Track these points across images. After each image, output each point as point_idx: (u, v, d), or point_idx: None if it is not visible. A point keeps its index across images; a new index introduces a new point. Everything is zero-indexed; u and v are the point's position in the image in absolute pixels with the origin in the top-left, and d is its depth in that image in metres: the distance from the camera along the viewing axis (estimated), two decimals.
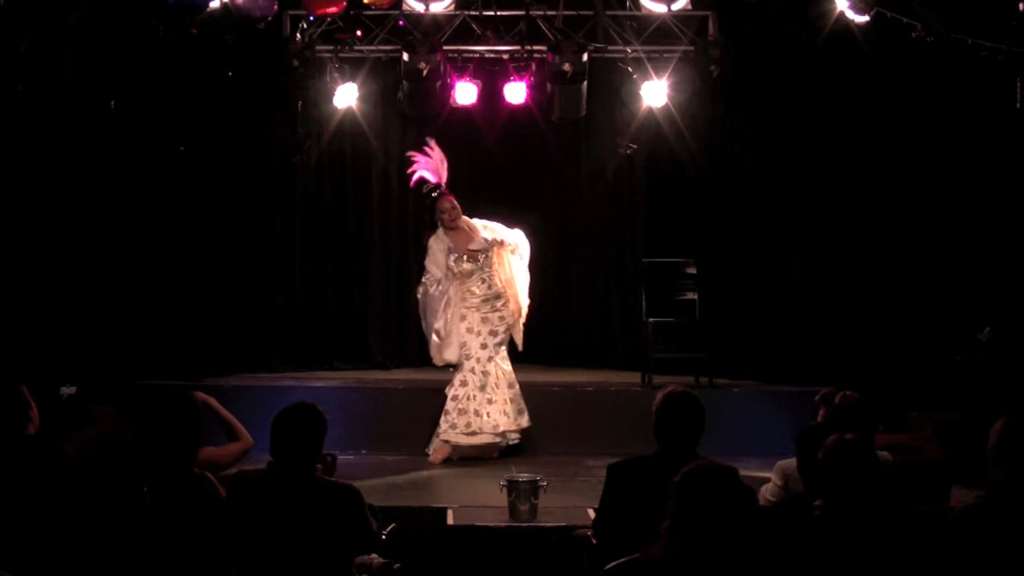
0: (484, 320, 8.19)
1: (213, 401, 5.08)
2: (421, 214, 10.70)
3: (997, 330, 8.37)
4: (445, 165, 8.40)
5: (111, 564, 4.02)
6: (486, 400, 8.07)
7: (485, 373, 8.10)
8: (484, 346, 8.15)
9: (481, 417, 8.05)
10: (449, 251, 8.23)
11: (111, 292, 9.10)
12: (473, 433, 8.04)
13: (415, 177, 8.48)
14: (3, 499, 4.24)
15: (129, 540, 4.03)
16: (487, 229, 8.35)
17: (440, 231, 8.31)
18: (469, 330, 8.16)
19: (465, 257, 8.21)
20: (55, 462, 4.41)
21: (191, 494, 4.14)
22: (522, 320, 8.35)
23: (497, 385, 8.12)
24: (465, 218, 8.36)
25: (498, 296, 8.23)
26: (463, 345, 8.15)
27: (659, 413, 4.50)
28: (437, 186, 8.37)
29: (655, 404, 4.54)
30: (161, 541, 4.04)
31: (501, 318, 8.22)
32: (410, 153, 8.56)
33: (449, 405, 8.09)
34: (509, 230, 8.40)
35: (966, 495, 5.37)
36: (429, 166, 8.39)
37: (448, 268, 8.21)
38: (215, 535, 4.11)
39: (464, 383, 8.10)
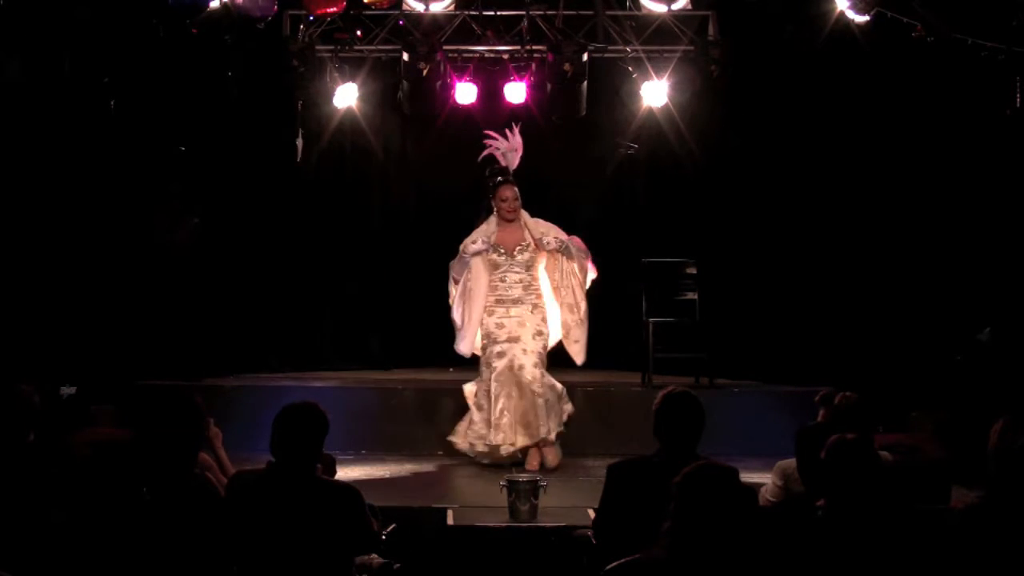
0: (499, 326, 7.78)
1: (219, 438, 5.07)
2: (422, 212, 10.78)
3: (997, 330, 8.37)
4: (519, 155, 8.05)
5: (111, 564, 4.01)
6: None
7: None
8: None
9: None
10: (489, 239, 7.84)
11: (111, 292, 9.10)
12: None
13: (487, 151, 8.12)
14: (3, 499, 4.25)
15: (129, 540, 4.03)
16: (546, 234, 7.87)
17: (493, 219, 7.91)
18: (499, 325, 7.77)
19: (501, 250, 7.82)
20: (57, 463, 4.42)
21: (191, 494, 4.14)
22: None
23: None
24: (525, 214, 7.94)
25: (516, 302, 7.81)
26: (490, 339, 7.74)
27: (659, 413, 4.50)
28: (504, 170, 7.96)
29: (655, 404, 4.54)
30: (161, 541, 4.04)
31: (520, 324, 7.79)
32: (489, 131, 8.22)
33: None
34: (573, 243, 7.94)
35: (966, 495, 5.36)
36: (505, 147, 8.05)
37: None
38: (215, 535, 4.11)
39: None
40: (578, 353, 8.00)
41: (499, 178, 7.91)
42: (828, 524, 3.88)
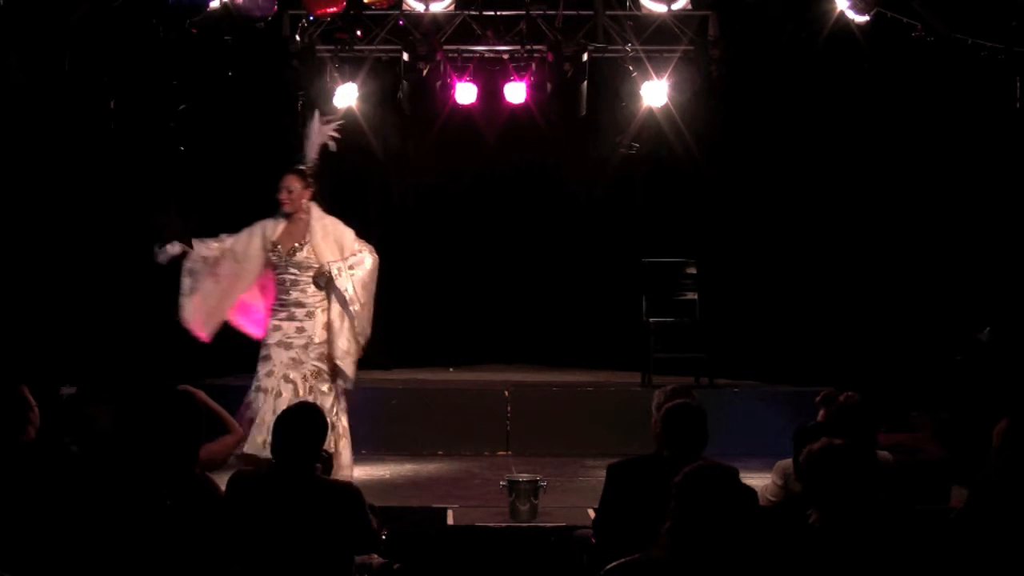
0: (275, 328, 7.16)
1: (201, 394, 5.01)
2: (422, 212, 10.77)
3: (997, 330, 8.37)
4: (312, 144, 7.35)
5: (112, 565, 4.01)
6: None
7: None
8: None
9: None
10: (267, 240, 7.15)
11: (112, 292, 9.09)
12: None
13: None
14: (3, 500, 4.25)
15: (130, 540, 4.03)
16: (343, 271, 7.12)
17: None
18: (275, 327, 7.16)
19: (278, 248, 7.11)
20: (58, 463, 4.42)
21: (192, 494, 4.14)
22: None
23: None
24: (319, 213, 7.23)
25: (296, 305, 7.14)
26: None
27: (664, 421, 4.49)
28: (299, 158, 7.28)
29: (656, 404, 4.53)
30: (162, 541, 4.03)
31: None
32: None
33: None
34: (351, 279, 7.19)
35: (966, 495, 5.37)
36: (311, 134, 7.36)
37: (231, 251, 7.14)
38: (216, 535, 4.11)
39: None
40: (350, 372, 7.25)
41: (297, 164, 7.22)
42: (822, 528, 3.86)
